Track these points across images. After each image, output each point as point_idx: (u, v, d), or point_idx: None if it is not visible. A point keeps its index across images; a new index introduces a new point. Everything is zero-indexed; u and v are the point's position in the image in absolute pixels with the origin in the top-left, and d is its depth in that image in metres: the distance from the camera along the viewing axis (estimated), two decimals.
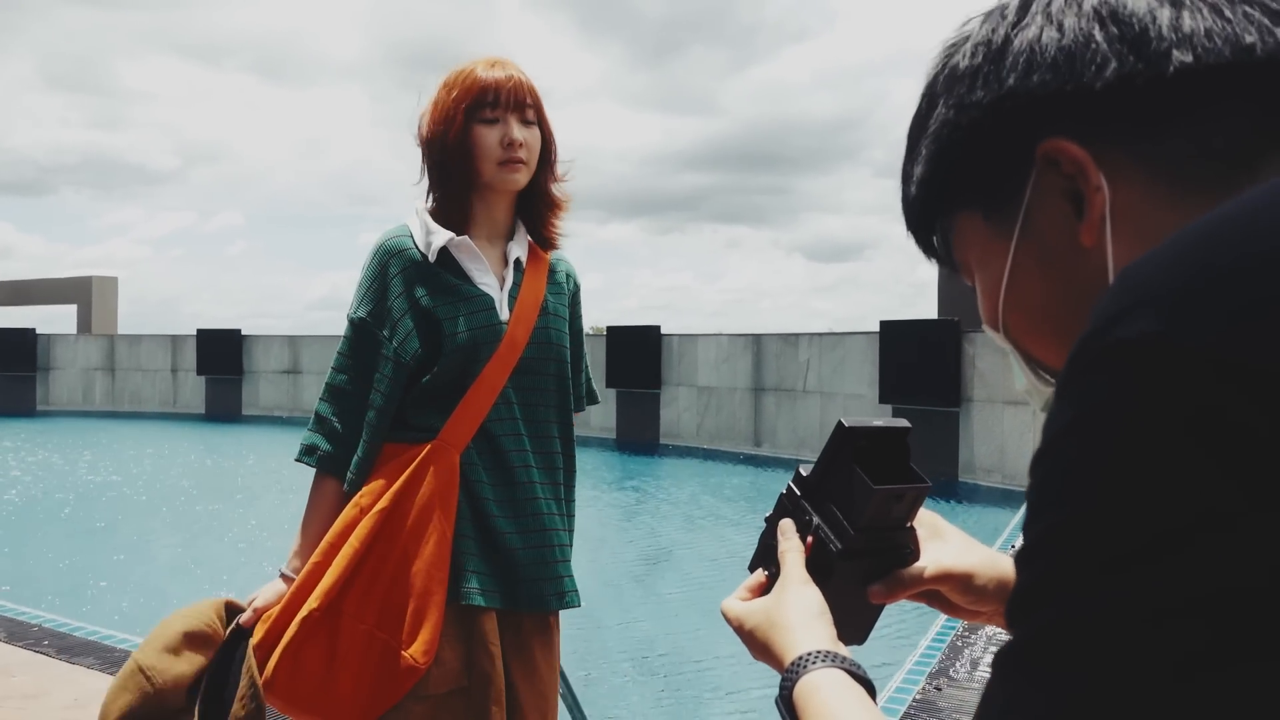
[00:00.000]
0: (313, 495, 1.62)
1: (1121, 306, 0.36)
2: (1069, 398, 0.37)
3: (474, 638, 1.55)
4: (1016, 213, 0.52)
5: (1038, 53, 0.50)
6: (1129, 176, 0.48)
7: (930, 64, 0.57)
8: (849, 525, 0.68)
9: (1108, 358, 0.36)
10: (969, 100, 0.52)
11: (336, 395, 1.62)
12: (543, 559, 1.60)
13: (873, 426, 0.70)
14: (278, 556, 1.66)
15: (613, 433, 12.54)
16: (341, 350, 1.63)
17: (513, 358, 1.58)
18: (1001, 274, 0.54)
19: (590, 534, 6.90)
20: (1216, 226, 0.37)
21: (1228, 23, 0.46)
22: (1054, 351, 0.54)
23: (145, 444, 13.14)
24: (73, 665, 3.45)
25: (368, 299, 1.59)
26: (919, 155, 0.56)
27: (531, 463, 1.61)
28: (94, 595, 5.18)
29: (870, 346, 9.91)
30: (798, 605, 0.66)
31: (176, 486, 9.31)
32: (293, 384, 15.94)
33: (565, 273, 1.72)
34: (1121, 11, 0.48)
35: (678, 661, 4.22)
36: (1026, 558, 0.38)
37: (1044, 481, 0.38)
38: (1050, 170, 0.49)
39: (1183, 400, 0.33)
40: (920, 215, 0.58)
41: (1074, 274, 0.50)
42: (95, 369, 17.38)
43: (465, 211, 1.60)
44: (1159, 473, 0.33)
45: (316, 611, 1.50)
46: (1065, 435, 0.37)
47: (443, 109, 1.57)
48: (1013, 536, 6.04)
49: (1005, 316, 0.55)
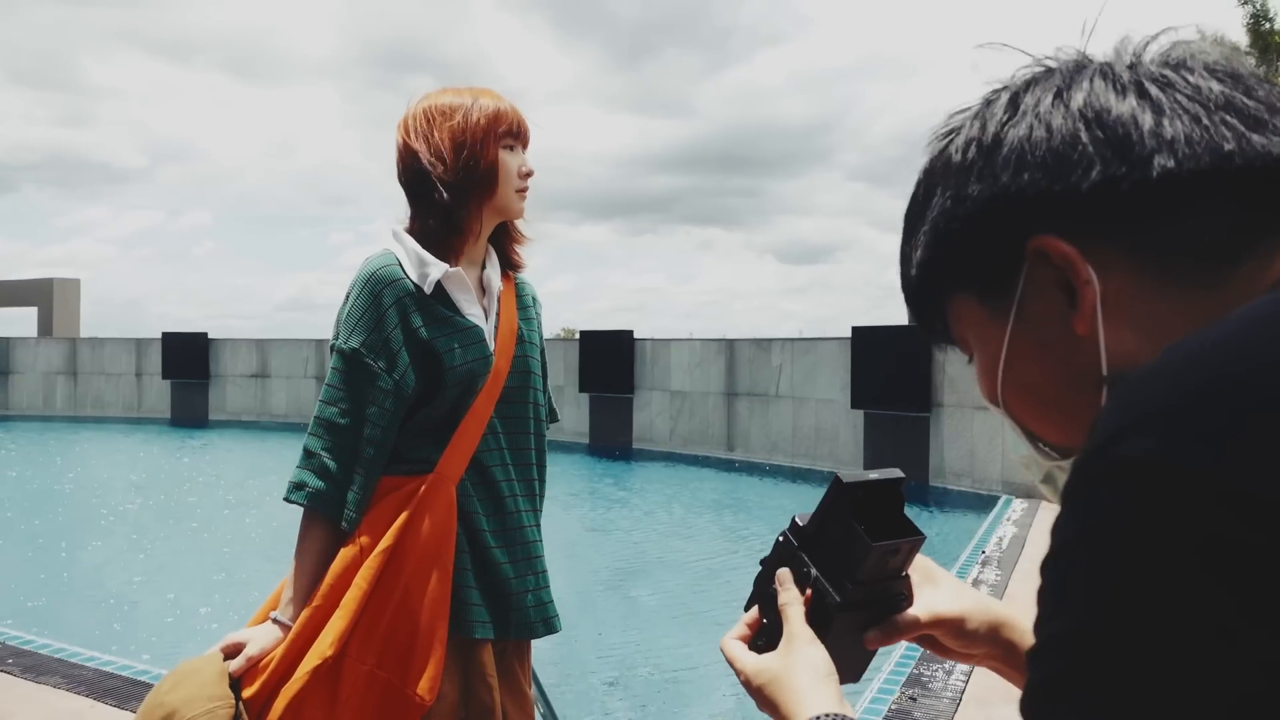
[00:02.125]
0: (305, 536, 1.54)
1: (1121, 424, 0.39)
2: (1075, 509, 0.40)
3: (471, 669, 1.55)
4: (1011, 300, 0.54)
5: (1028, 152, 0.52)
6: (1118, 269, 0.50)
7: (926, 150, 0.60)
8: (847, 579, 0.70)
9: (1112, 475, 0.39)
10: (965, 194, 0.55)
11: (329, 429, 1.53)
12: (529, 586, 1.63)
13: (868, 480, 0.71)
14: (251, 567, 1.61)
15: (586, 437, 12.53)
16: (332, 383, 1.55)
17: (498, 388, 1.59)
18: (999, 355, 0.56)
19: (563, 539, 6.89)
20: (1208, 343, 0.40)
21: (1206, 130, 0.49)
22: (1052, 428, 0.57)
23: (110, 450, 12.92)
24: (38, 685, 3.38)
25: (360, 330, 1.53)
26: (918, 240, 0.59)
27: (518, 491, 1.63)
28: (59, 610, 5.08)
29: (842, 352, 9.99)
30: (806, 666, 0.67)
31: (144, 495, 9.16)
32: (261, 388, 15.74)
33: (531, 295, 1.74)
34: (1106, 116, 0.51)
35: (651, 670, 4.22)
36: (1039, 657, 0.41)
37: (1055, 586, 0.41)
38: (1042, 263, 0.52)
39: (1185, 521, 0.36)
40: (919, 296, 0.61)
41: (1069, 359, 0.53)
42: (56, 373, 17.05)
43: (464, 237, 1.57)
44: (1164, 589, 0.36)
45: (331, 659, 1.44)
46: (1074, 545, 0.40)
47: (474, 131, 1.54)
48: (984, 541, 6.11)
49: (1004, 394, 0.58)
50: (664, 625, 4.98)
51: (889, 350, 9.23)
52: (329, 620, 1.47)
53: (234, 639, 1.51)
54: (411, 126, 1.57)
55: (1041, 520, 6.75)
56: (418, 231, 1.58)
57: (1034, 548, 5.84)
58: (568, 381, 12.69)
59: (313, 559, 1.52)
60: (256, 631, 1.52)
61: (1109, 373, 0.51)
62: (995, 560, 5.49)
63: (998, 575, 5.09)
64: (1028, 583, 4.95)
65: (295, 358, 15.52)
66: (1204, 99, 0.50)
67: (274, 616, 1.53)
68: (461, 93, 1.59)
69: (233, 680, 1.47)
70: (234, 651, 1.50)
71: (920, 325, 0.63)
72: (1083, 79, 0.53)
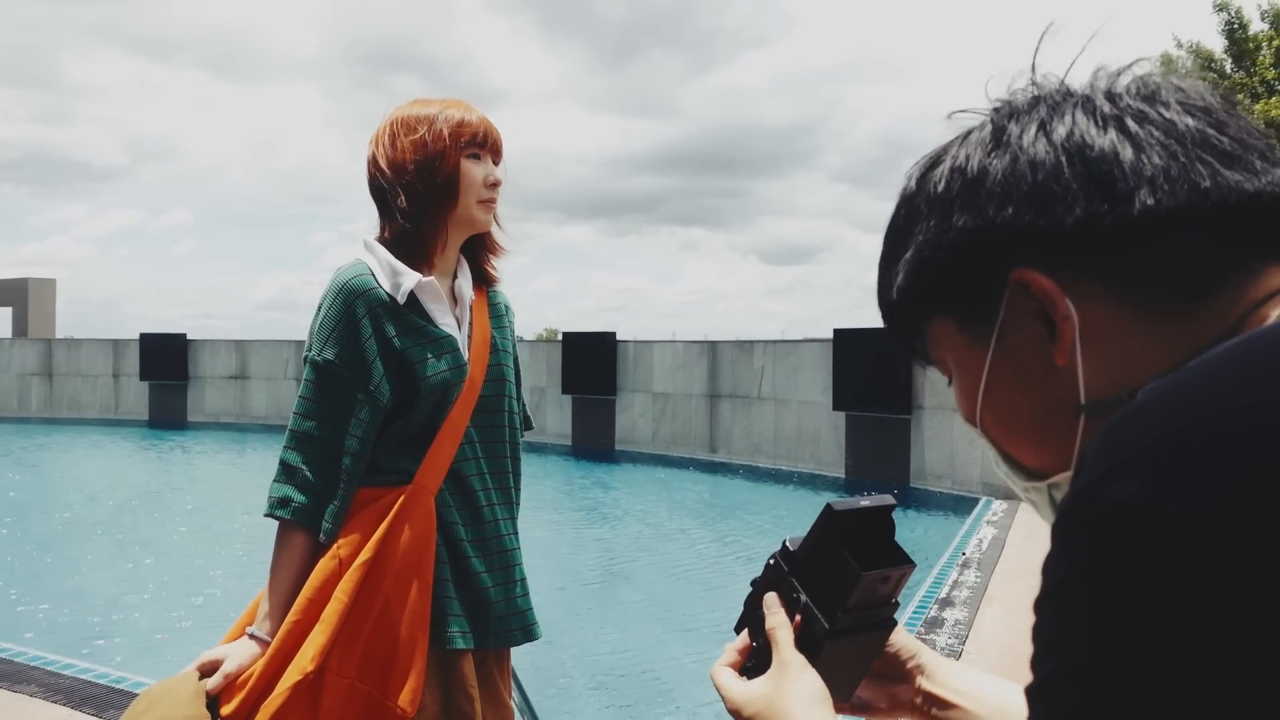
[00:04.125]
0: (282, 549, 1.52)
1: (1108, 467, 0.40)
2: (1067, 549, 0.42)
3: (452, 680, 1.55)
4: (992, 328, 0.55)
5: (1012, 185, 0.53)
6: (1096, 302, 0.51)
7: (908, 176, 0.60)
8: (837, 606, 0.70)
9: (1102, 518, 0.40)
10: (949, 224, 0.56)
11: (305, 442, 1.52)
12: (508, 595, 1.63)
13: (859, 508, 0.72)
14: (232, 573, 1.60)
15: (568, 439, 12.51)
16: (305, 395, 1.53)
17: (473, 398, 1.59)
18: (978, 380, 0.58)
19: (545, 541, 6.87)
20: (1188, 384, 0.42)
21: (1183, 167, 0.50)
22: (1029, 452, 0.58)
23: (86, 453, 12.77)
24: (14, 694, 3.34)
25: (334, 341, 1.52)
26: (898, 265, 0.59)
27: (495, 500, 1.63)
28: (34, 617, 5.02)
29: (824, 354, 10.03)
30: (799, 693, 0.67)
31: (121, 499, 9.06)
32: (240, 389, 15.61)
33: (504, 304, 1.74)
34: (1089, 151, 0.52)
35: (633, 672, 4.23)
36: (1038, 694, 0.42)
37: (1053, 623, 0.42)
38: (1023, 294, 0.53)
39: (1176, 563, 0.37)
40: (899, 318, 0.62)
41: (1048, 388, 0.54)
42: (31, 374, 16.84)
43: (431, 247, 1.57)
44: (1161, 627, 0.38)
45: (312, 674, 1.43)
46: (1070, 583, 0.41)
47: (436, 141, 1.55)
48: (963, 543, 6.15)
49: (982, 418, 0.59)
50: (646, 627, 4.98)
51: (870, 352, 9.28)
52: (309, 634, 1.46)
53: (210, 656, 1.48)
54: (379, 139, 1.59)
55: (1021, 522, 6.81)
56: (387, 241, 1.59)
57: (1014, 550, 5.89)
58: (550, 383, 12.67)
59: (291, 572, 1.51)
60: (233, 648, 1.49)
61: (1086, 402, 0.52)
62: (975, 562, 5.53)
63: (978, 577, 5.13)
64: (1008, 584, 4.99)
65: (275, 359, 15.41)
66: (1179, 135, 0.51)
67: (251, 632, 1.50)
68: (430, 104, 1.59)
69: (210, 699, 1.44)
70: (210, 669, 1.46)
71: (898, 345, 0.64)
72: (1065, 111, 0.54)
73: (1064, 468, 0.55)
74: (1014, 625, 4.29)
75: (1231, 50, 18.76)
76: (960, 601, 4.63)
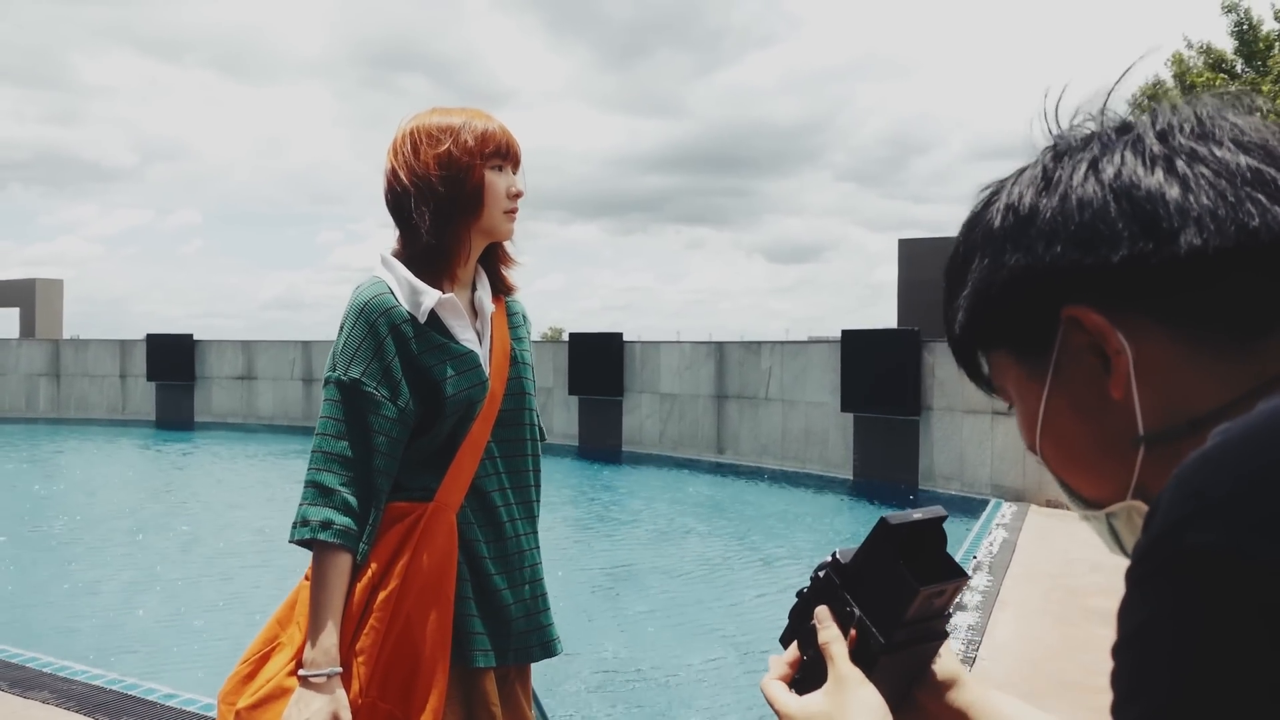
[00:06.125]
0: (329, 576, 1.45)
1: (1185, 513, 0.41)
2: (1145, 595, 0.42)
3: (474, 698, 1.54)
4: (1048, 362, 0.57)
5: (1060, 224, 0.54)
6: (1151, 336, 0.52)
7: (972, 208, 0.62)
8: (893, 620, 0.70)
9: (1178, 567, 0.40)
10: (1001, 261, 0.57)
11: (341, 463, 1.48)
12: (529, 611, 1.62)
13: (912, 520, 0.72)
14: (246, 576, 1.57)
15: (575, 440, 12.50)
16: (333, 415, 1.51)
17: (494, 412, 1.58)
18: (1037, 411, 0.59)
19: (554, 543, 6.87)
20: (1262, 427, 0.42)
21: (1232, 206, 0.50)
22: (1085, 483, 0.59)
23: (95, 454, 12.80)
24: (26, 700, 3.34)
25: (360, 360, 1.51)
26: (959, 302, 0.61)
27: (517, 515, 1.62)
28: (47, 623, 5.02)
29: (832, 355, 10.01)
30: (862, 708, 0.67)
31: (132, 501, 9.08)
32: (247, 390, 15.63)
33: (521, 314, 1.73)
34: (1135, 191, 0.52)
35: (642, 674, 4.22)
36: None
37: (1135, 670, 0.42)
38: (1076, 329, 0.54)
39: (1252, 611, 0.38)
40: (962, 351, 0.64)
41: (1105, 420, 0.55)
42: (39, 375, 16.88)
43: (454, 260, 1.56)
44: (1240, 674, 0.38)
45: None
46: (1147, 631, 0.42)
47: (461, 153, 1.53)
48: (974, 547, 6.13)
49: (1042, 447, 0.60)
50: (656, 629, 4.98)
51: (879, 353, 9.26)
52: None
53: None
54: (398, 150, 1.56)
55: (1031, 525, 6.78)
56: (406, 256, 1.56)
57: (1025, 553, 5.86)
58: (557, 384, 12.66)
59: (341, 598, 1.45)
60: (308, 709, 1.42)
61: (1145, 433, 0.53)
62: (987, 565, 5.50)
63: (989, 581, 5.11)
64: (1020, 588, 4.96)
65: (281, 359, 15.43)
66: (1230, 173, 0.52)
67: (304, 675, 1.43)
68: (450, 113, 1.57)
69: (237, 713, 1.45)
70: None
71: (969, 375, 0.65)
72: (1114, 150, 0.55)
73: (1120, 497, 0.56)
74: (1027, 631, 4.27)
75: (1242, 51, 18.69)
76: (972, 606, 4.61)
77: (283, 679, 1.46)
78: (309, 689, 1.42)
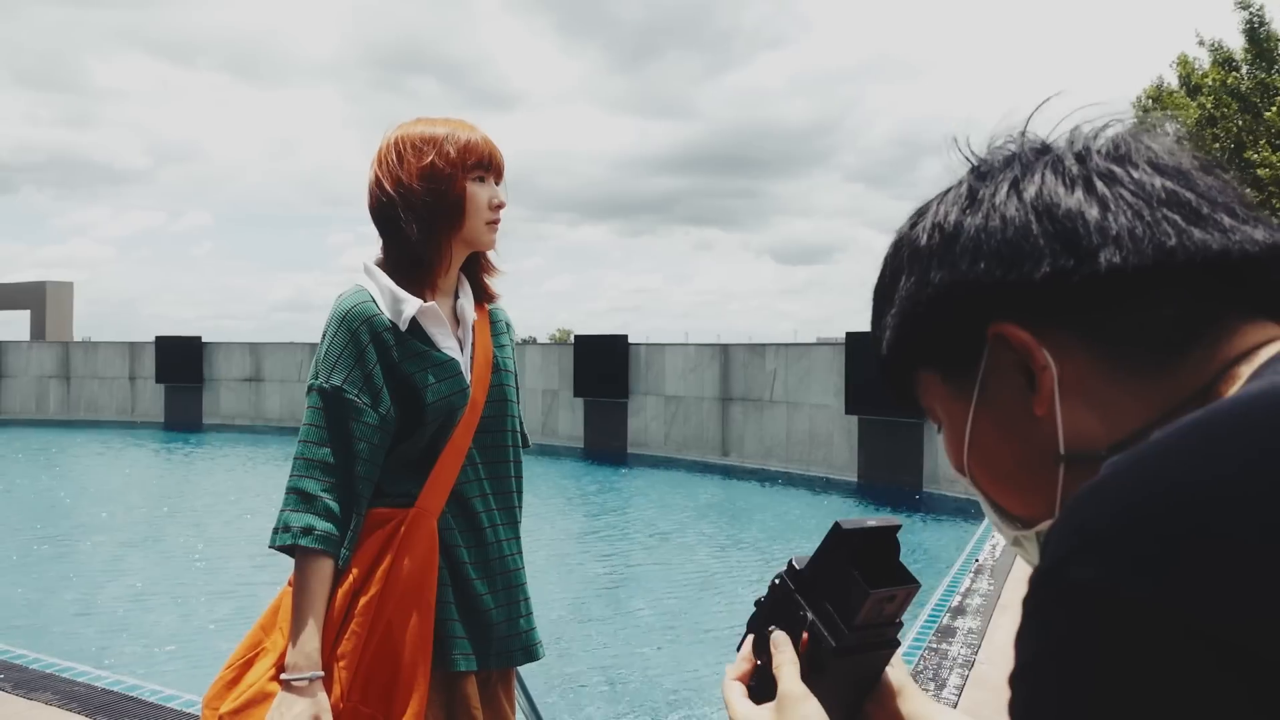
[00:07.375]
0: (310, 582, 1.46)
1: (1070, 547, 0.41)
2: (1035, 628, 0.43)
3: (455, 702, 1.55)
4: (974, 380, 0.57)
5: (983, 241, 0.55)
6: (1074, 353, 0.53)
7: (898, 230, 0.62)
8: (843, 624, 0.71)
9: (1063, 600, 0.41)
10: (927, 279, 0.57)
11: (322, 470, 1.49)
12: (510, 616, 1.63)
13: (866, 527, 0.73)
14: (249, 577, 1.58)
15: (580, 442, 12.52)
16: (315, 422, 1.52)
17: (475, 419, 1.59)
18: (963, 431, 0.59)
19: (556, 545, 6.88)
20: (1147, 460, 0.42)
21: (1149, 226, 0.51)
22: (1014, 500, 0.59)
23: (104, 455, 12.87)
24: (30, 701, 3.37)
25: (341, 367, 1.52)
26: (886, 321, 0.61)
27: (498, 520, 1.63)
28: (51, 623, 5.06)
29: (836, 357, 10.00)
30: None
31: (138, 502, 9.13)
32: (255, 392, 15.71)
33: (505, 321, 1.74)
34: (1056, 210, 0.53)
35: (642, 677, 4.23)
36: None
37: (1026, 703, 0.43)
38: (1002, 346, 0.55)
39: (1134, 645, 0.39)
40: (889, 370, 0.64)
41: (1029, 438, 0.55)
42: (49, 377, 17.00)
43: (435, 269, 1.58)
44: (1121, 710, 0.39)
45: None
46: (1041, 663, 0.42)
47: (444, 164, 1.55)
48: (976, 549, 6.12)
49: (969, 467, 0.60)
50: (657, 633, 4.98)
51: None
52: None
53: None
54: (383, 159, 1.57)
55: None
56: (389, 265, 1.58)
57: None
58: (562, 386, 12.69)
59: (324, 603, 1.47)
60: (289, 712, 1.43)
61: (1066, 452, 0.53)
62: (989, 568, 5.49)
63: (990, 584, 5.10)
64: (1020, 591, 4.94)
65: (289, 362, 15.49)
66: (1146, 194, 0.53)
67: (287, 679, 1.44)
68: (434, 123, 1.59)
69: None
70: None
71: (893, 396, 0.65)
72: (1035, 171, 0.56)
73: (1050, 515, 0.56)
74: None
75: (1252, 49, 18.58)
76: (973, 609, 4.60)
77: (265, 684, 1.47)
78: (291, 693, 1.43)
